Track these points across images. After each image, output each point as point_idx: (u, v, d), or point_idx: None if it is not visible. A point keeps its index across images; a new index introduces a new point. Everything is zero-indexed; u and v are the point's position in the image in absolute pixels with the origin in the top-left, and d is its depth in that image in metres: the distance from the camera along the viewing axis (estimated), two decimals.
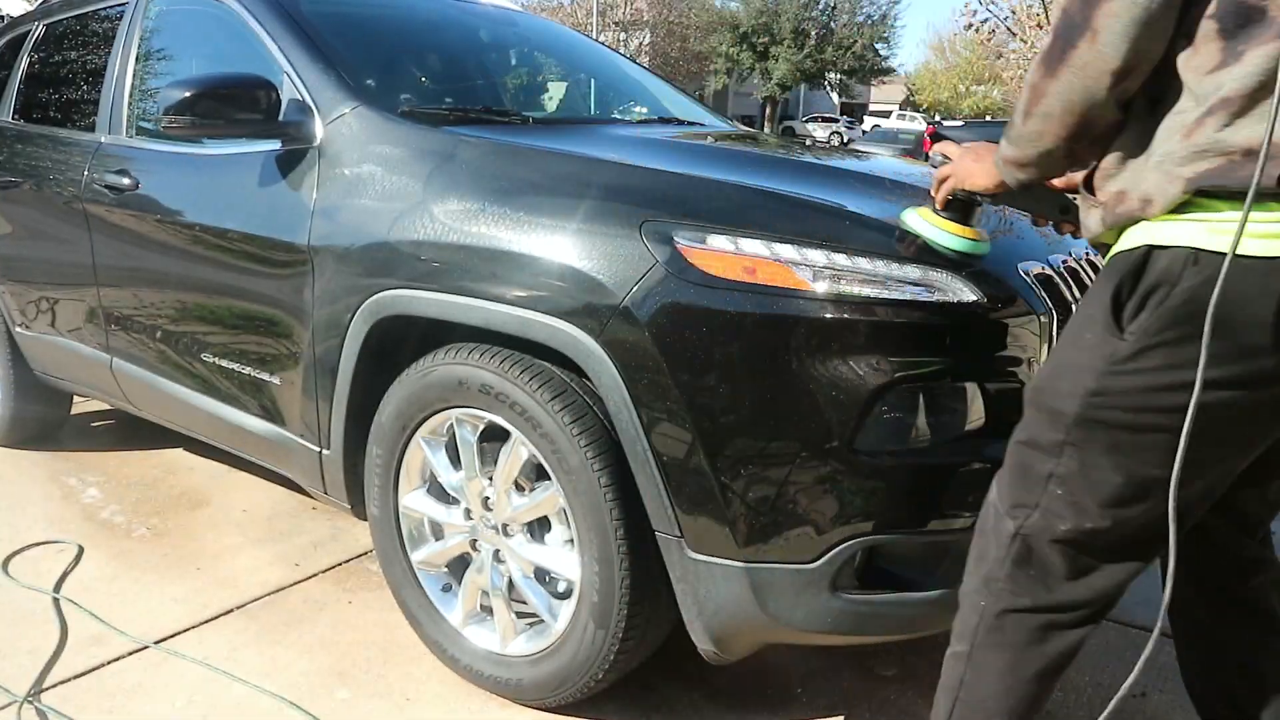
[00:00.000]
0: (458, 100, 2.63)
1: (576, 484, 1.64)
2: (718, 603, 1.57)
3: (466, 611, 1.94)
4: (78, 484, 3.05)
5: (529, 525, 1.83)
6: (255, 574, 2.44)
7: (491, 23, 3.07)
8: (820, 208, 1.63)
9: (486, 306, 1.69)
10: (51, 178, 2.81)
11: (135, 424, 3.44)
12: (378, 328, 1.88)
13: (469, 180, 1.81)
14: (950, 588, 1.55)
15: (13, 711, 1.86)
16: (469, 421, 1.82)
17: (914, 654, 2.09)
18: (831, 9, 37.16)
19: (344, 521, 2.77)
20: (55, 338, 2.93)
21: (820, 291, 1.46)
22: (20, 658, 2.04)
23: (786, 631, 1.59)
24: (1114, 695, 1.24)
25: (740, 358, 1.47)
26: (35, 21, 3.28)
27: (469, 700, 1.91)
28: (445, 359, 1.82)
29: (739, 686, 1.97)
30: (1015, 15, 9.05)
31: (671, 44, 34.57)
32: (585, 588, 1.69)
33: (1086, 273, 1.80)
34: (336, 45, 2.24)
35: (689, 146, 2.29)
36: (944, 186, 1.45)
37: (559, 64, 3.32)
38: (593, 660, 1.71)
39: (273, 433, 2.23)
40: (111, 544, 2.61)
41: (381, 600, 2.29)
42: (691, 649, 1.68)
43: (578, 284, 1.58)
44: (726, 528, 1.52)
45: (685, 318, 1.49)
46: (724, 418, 1.48)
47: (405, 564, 2.00)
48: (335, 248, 1.95)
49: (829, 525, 1.48)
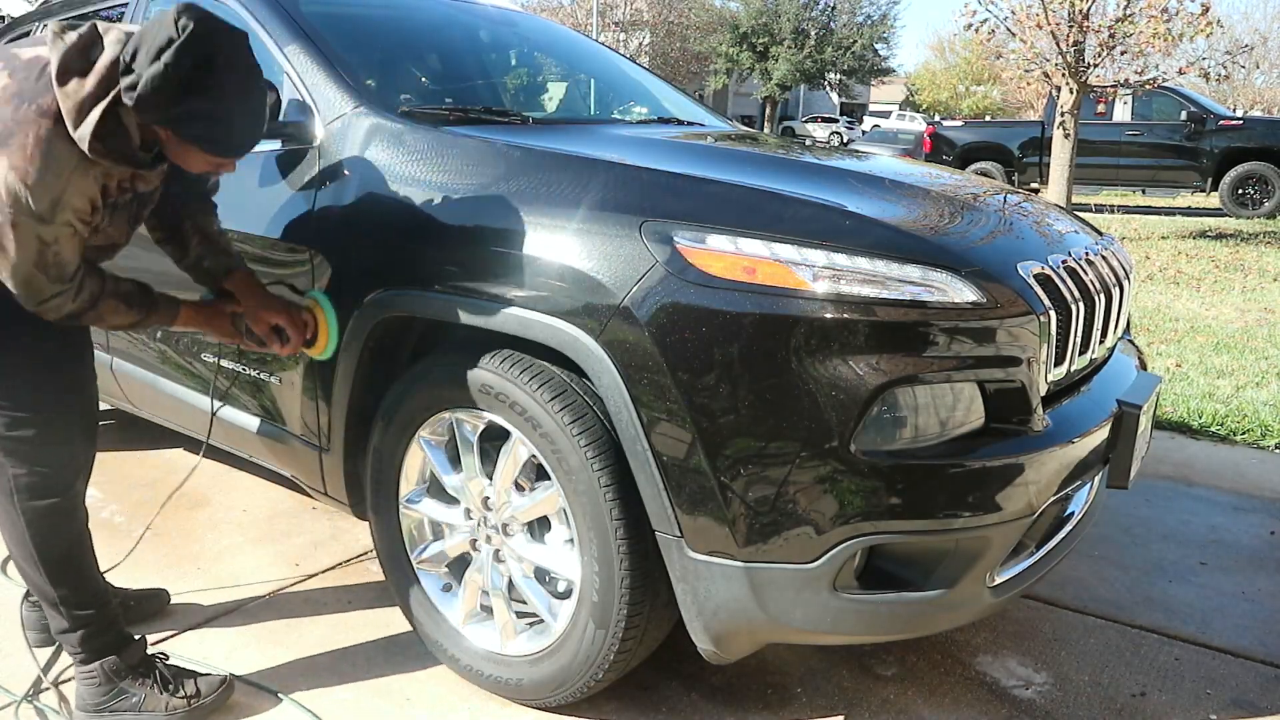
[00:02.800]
0: (458, 101, 2.63)
1: (576, 484, 1.64)
2: (717, 602, 1.57)
3: (466, 611, 1.94)
4: None
5: (529, 525, 1.83)
6: (255, 574, 2.45)
7: (491, 23, 3.07)
8: (820, 208, 1.63)
9: (486, 306, 1.69)
10: None
11: (135, 424, 3.43)
12: (378, 328, 1.88)
13: (469, 180, 1.81)
14: (950, 588, 1.55)
15: (12, 711, 1.86)
16: (469, 421, 1.83)
17: (914, 654, 2.09)
18: (831, 9, 37.15)
19: (344, 521, 2.77)
20: None
21: (820, 291, 1.46)
22: (20, 657, 2.04)
23: (786, 631, 1.59)
24: (1114, 695, 1.24)
25: (740, 358, 1.47)
26: (35, 22, 3.29)
27: (469, 700, 1.91)
28: (445, 359, 1.82)
29: (738, 686, 1.97)
30: (1015, 15, 9.03)
31: (671, 44, 34.57)
32: (585, 588, 1.69)
33: (1086, 272, 1.80)
34: (336, 46, 2.24)
35: (689, 146, 2.29)
36: None
37: (559, 64, 3.32)
38: (593, 660, 1.71)
39: (273, 433, 2.23)
40: (111, 544, 2.61)
41: (381, 600, 2.29)
42: (691, 649, 1.69)
43: (578, 284, 1.58)
44: (726, 528, 1.52)
45: (685, 318, 1.49)
46: (724, 418, 1.48)
47: (405, 564, 2.00)
48: (335, 248, 1.95)
49: (829, 525, 1.48)
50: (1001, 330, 1.53)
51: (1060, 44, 8.65)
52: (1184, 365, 4.59)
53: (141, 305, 1.74)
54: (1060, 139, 9.07)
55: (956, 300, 1.49)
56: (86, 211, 1.54)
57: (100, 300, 1.65)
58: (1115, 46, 8.66)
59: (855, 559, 1.52)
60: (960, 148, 13.61)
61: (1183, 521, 2.86)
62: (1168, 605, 2.34)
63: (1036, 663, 2.07)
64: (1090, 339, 1.82)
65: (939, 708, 1.91)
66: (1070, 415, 1.70)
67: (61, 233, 1.52)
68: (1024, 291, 1.57)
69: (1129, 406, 1.81)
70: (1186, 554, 2.64)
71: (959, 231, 1.72)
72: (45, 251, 1.52)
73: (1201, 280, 7.10)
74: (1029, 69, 9.32)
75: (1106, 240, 2.11)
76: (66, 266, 1.56)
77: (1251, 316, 5.81)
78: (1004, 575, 1.63)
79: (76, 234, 1.55)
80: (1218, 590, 2.43)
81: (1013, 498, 1.54)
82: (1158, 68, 9.43)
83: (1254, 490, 3.13)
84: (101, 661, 1.83)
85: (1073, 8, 8.46)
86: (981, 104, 41.62)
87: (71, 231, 1.53)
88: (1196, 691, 1.98)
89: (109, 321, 1.70)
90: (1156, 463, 3.31)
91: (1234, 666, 2.08)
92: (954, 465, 1.50)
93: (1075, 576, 2.46)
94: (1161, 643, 2.17)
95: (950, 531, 1.52)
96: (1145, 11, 8.47)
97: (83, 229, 1.56)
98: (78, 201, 1.51)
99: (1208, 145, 11.84)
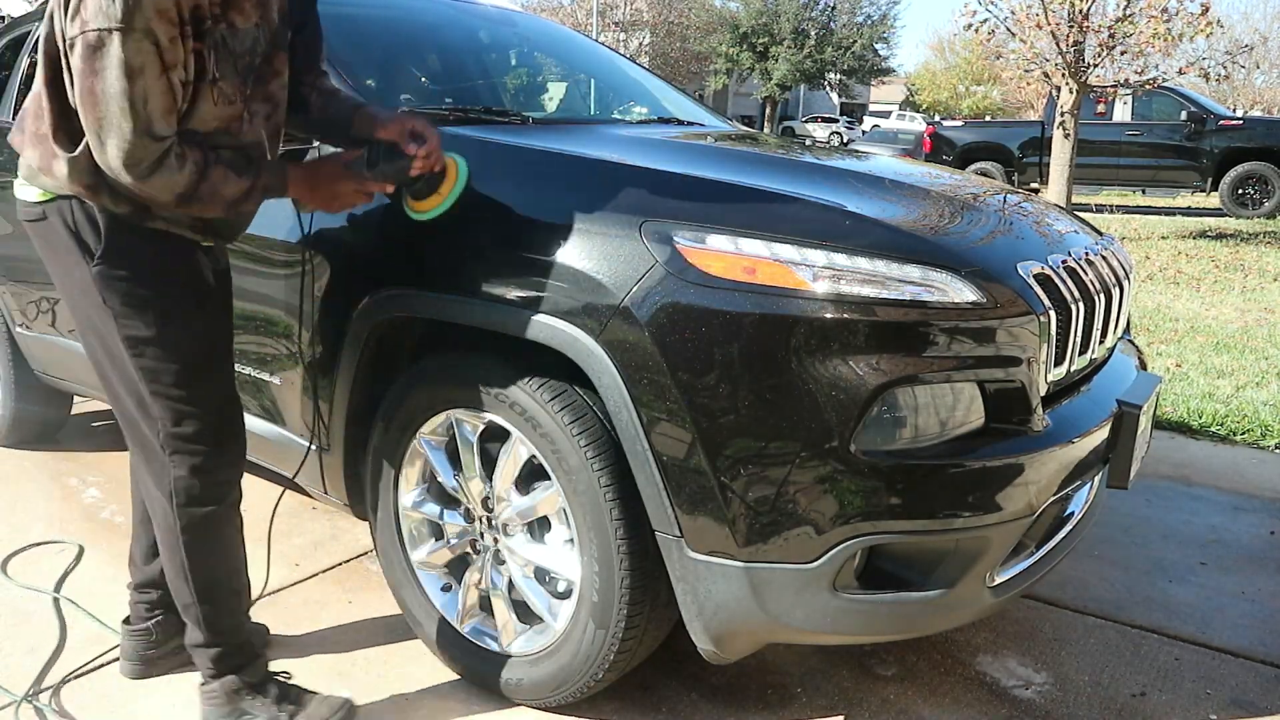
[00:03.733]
0: (458, 101, 2.63)
1: (576, 484, 1.64)
2: (717, 602, 1.57)
3: (466, 611, 1.94)
4: (78, 484, 3.05)
5: (529, 525, 1.83)
6: (255, 574, 2.44)
7: (491, 23, 3.07)
8: (820, 208, 1.63)
9: (486, 307, 1.69)
10: None
11: None
12: (378, 328, 1.88)
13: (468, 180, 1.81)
14: (950, 588, 1.55)
15: (12, 711, 1.86)
16: (469, 421, 1.83)
17: (914, 654, 2.09)
18: (831, 9, 37.16)
19: (344, 521, 2.77)
20: (55, 338, 2.93)
21: (820, 291, 1.46)
22: (20, 658, 2.04)
23: (786, 631, 1.59)
24: (1114, 695, 1.24)
25: (740, 358, 1.47)
26: (36, 22, 3.28)
27: (469, 700, 1.91)
28: (445, 359, 1.82)
29: (738, 686, 1.97)
30: (1015, 15, 9.04)
31: (671, 44, 34.56)
32: (585, 588, 1.69)
33: (1086, 272, 1.80)
34: (335, 45, 2.23)
35: (689, 146, 2.29)
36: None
37: (559, 64, 3.31)
38: (592, 660, 1.71)
39: (273, 433, 2.23)
40: (111, 544, 2.61)
41: (381, 600, 2.29)
42: (691, 649, 1.69)
43: (577, 284, 1.58)
44: (726, 527, 1.52)
45: (685, 318, 1.50)
46: (724, 418, 1.48)
47: (405, 564, 2.00)
48: (335, 248, 1.95)
49: (828, 525, 1.48)
50: (1001, 330, 1.53)
51: (1060, 44, 8.65)
52: (1184, 365, 4.60)
53: (249, 169, 1.57)
54: (1060, 139, 9.07)
55: (956, 300, 1.49)
56: (171, 14, 1.39)
57: (209, 168, 1.50)
58: (1115, 46, 8.67)
59: (855, 559, 1.52)
60: (960, 148, 13.62)
61: (1183, 521, 2.86)
62: (1168, 605, 2.34)
63: (1036, 663, 2.07)
64: (1090, 339, 1.82)
65: (939, 708, 1.91)
66: (1070, 415, 1.70)
67: (144, 50, 1.38)
68: (1024, 291, 1.57)
69: (1129, 406, 1.81)
70: (1186, 554, 2.64)
71: (959, 231, 1.72)
72: (133, 85, 1.38)
73: (1201, 280, 7.11)
74: (1029, 69, 9.32)
75: (1106, 240, 2.11)
76: (156, 113, 1.42)
77: (1251, 316, 5.81)
78: (1004, 575, 1.63)
79: (163, 66, 1.41)
80: (1218, 590, 2.43)
81: (1013, 498, 1.54)
82: (1158, 68, 9.43)
83: (1254, 490, 3.13)
84: (223, 680, 1.77)
85: (1073, 8, 8.47)
86: (981, 104, 41.62)
87: (155, 55, 1.39)
88: (1196, 691, 1.98)
89: (223, 195, 1.54)
90: (1156, 463, 3.32)
91: (1234, 666, 2.08)
92: (954, 465, 1.50)
93: (1075, 576, 2.46)
94: (1161, 643, 2.17)
95: (950, 531, 1.52)
96: (1145, 11, 8.47)
97: (170, 50, 1.41)
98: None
99: (1208, 145, 11.85)
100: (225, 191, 1.54)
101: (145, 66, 1.39)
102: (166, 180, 1.47)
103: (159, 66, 1.41)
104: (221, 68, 1.51)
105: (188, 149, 1.49)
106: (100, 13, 1.36)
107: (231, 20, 1.51)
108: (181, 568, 1.72)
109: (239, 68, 1.55)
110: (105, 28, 1.36)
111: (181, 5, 1.41)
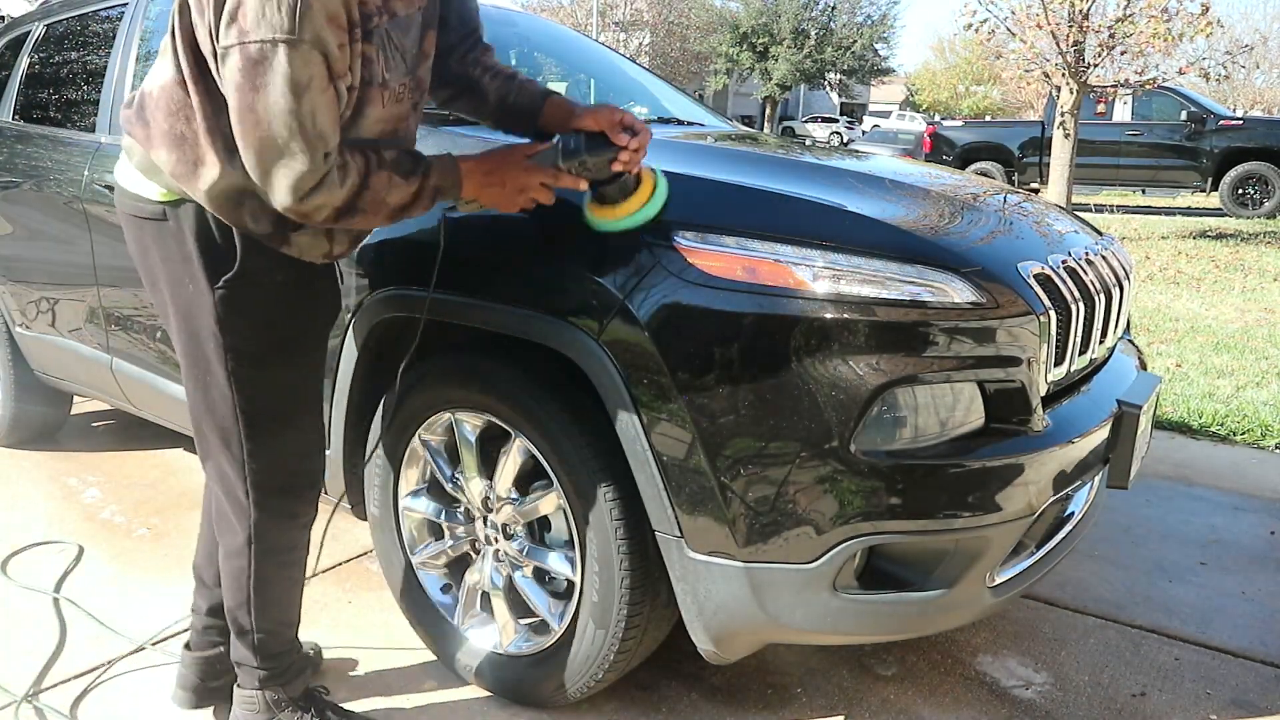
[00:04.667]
0: None
1: (576, 484, 1.64)
2: (718, 602, 1.57)
3: (466, 611, 1.94)
4: (78, 484, 3.05)
5: (529, 525, 1.83)
6: None
7: (491, 23, 3.05)
8: (820, 207, 1.63)
9: (486, 306, 1.69)
10: (52, 178, 2.81)
11: (135, 424, 3.44)
12: (378, 328, 1.88)
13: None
14: (950, 588, 1.55)
15: (12, 711, 1.86)
16: (469, 421, 1.82)
17: (914, 654, 2.09)
18: (831, 9, 37.17)
19: (344, 521, 2.76)
20: (55, 338, 2.93)
21: (820, 291, 1.46)
22: (20, 658, 2.04)
23: (786, 631, 1.59)
24: (1114, 695, 1.24)
25: (740, 357, 1.47)
26: (35, 22, 3.28)
27: (469, 700, 1.91)
28: (445, 359, 1.81)
29: (738, 686, 1.97)
30: (1015, 15, 9.04)
31: (671, 44, 34.57)
32: (585, 588, 1.69)
33: (1086, 272, 1.80)
34: None
35: (689, 146, 2.29)
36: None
37: (559, 64, 3.31)
38: (593, 660, 1.71)
39: None
40: (111, 544, 2.61)
41: (381, 600, 2.29)
42: (691, 649, 1.69)
43: (577, 284, 1.58)
44: (726, 528, 1.52)
45: (685, 317, 1.49)
46: (724, 417, 1.48)
47: (405, 564, 2.00)
48: None
49: (828, 525, 1.48)
50: (1001, 330, 1.53)
51: (1060, 44, 8.65)
52: (1184, 365, 4.60)
53: (414, 169, 1.40)
54: (1060, 139, 9.07)
55: (956, 300, 1.49)
56: (341, 19, 1.24)
57: (371, 174, 1.33)
58: (1115, 46, 8.67)
59: (855, 559, 1.52)
60: (960, 148, 13.62)
61: (1183, 521, 2.86)
62: (1168, 605, 2.34)
63: (1036, 663, 2.07)
64: (1090, 339, 1.82)
65: (939, 708, 1.91)
66: (1070, 415, 1.69)
67: (313, 62, 1.22)
68: (1024, 291, 1.57)
69: (1129, 406, 1.81)
70: (1186, 554, 2.64)
71: (959, 231, 1.72)
72: (301, 102, 1.22)
73: (1201, 280, 7.11)
74: (1029, 69, 9.33)
75: (1106, 240, 2.11)
76: (326, 130, 1.26)
77: (1251, 316, 5.81)
78: (1004, 575, 1.63)
79: (330, 76, 1.25)
80: (1218, 590, 2.43)
81: (1013, 498, 1.54)
82: (1158, 68, 9.43)
83: (1254, 490, 3.13)
84: (264, 691, 1.70)
85: (1073, 8, 8.47)
86: (981, 104, 41.64)
87: (324, 66, 1.24)
88: (1196, 691, 1.98)
89: (388, 203, 1.37)
90: (1156, 463, 3.32)
91: (1234, 666, 2.08)
92: (954, 465, 1.50)
93: (1075, 576, 2.46)
94: (1161, 643, 2.17)
95: (950, 532, 1.51)
96: (1145, 11, 8.48)
97: (339, 58, 1.25)
98: (329, 3, 1.21)
99: (1208, 145, 11.86)
100: (390, 199, 1.37)
101: (313, 80, 1.23)
102: (326, 197, 1.31)
103: (326, 78, 1.25)
104: (390, 66, 1.37)
105: (349, 156, 1.32)
106: (264, 21, 1.19)
107: (394, 10, 1.35)
108: (246, 601, 1.64)
109: (406, 61, 1.40)
110: (269, 39, 1.19)
111: (350, 6, 1.26)
